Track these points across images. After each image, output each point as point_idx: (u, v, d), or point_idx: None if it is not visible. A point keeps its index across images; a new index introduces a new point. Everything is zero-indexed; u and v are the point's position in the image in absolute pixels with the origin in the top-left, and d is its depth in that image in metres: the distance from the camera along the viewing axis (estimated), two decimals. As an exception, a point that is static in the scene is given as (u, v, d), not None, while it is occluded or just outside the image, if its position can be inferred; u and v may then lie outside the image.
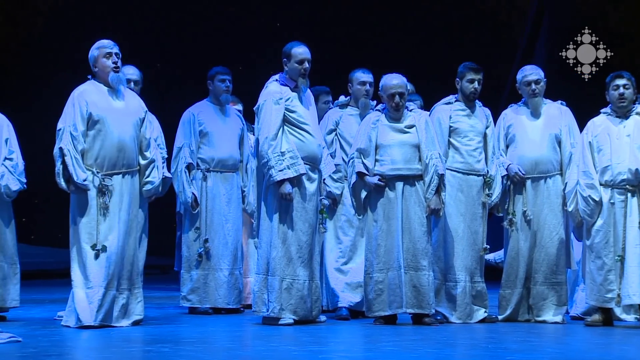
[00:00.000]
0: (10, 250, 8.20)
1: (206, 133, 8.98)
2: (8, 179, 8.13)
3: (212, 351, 6.36)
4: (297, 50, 7.91)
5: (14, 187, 8.16)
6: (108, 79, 7.74)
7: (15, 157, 8.26)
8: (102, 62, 7.75)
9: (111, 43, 7.79)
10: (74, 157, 7.56)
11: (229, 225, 9.01)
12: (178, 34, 14.66)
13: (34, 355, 6.11)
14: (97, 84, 7.78)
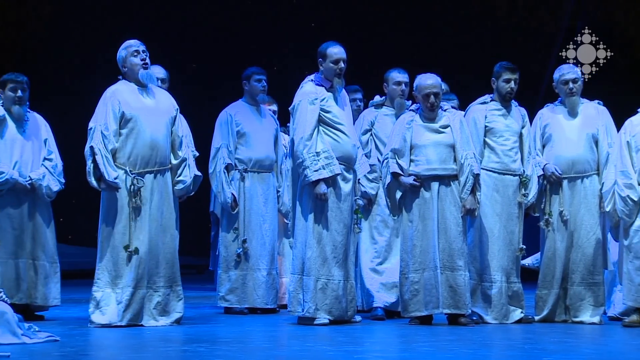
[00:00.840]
0: (50, 250, 8.27)
1: (243, 133, 9.00)
2: (49, 179, 8.20)
3: (248, 351, 6.37)
4: (332, 50, 7.91)
5: (55, 188, 8.24)
6: (138, 76, 7.79)
7: (54, 158, 8.34)
8: (131, 61, 7.81)
9: (137, 42, 7.85)
10: (105, 156, 7.61)
11: (267, 225, 9.03)
12: (213, 35, 14.70)
13: (71, 354, 6.16)
14: (128, 84, 7.84)
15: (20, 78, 8.19)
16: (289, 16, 14.67)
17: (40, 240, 8.21)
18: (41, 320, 7.96)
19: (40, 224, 8.22)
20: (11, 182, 8.05)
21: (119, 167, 7.68)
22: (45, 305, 8.24)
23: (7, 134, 8.15)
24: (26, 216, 8.16)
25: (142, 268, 7.68)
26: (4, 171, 8.02)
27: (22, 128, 8.23)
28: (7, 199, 8.09)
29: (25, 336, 6.58)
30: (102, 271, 7.70)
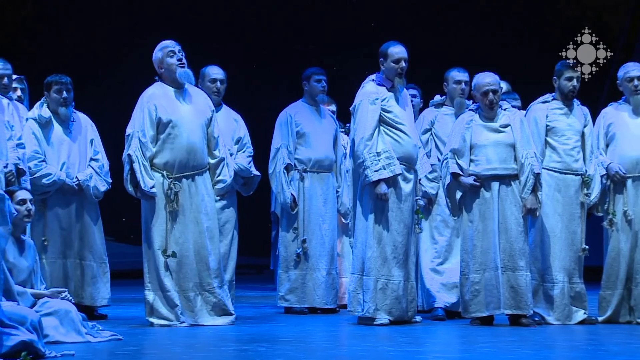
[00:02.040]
0: (98, 250, 8.32)
1: (303, 134, 9.02)
2: (96, 179, 8.27)
3: (308, 351, 6.38)
4: (393, 49, 7.89)
5: (102, 188, 8.30)
6: (175, 76, 7.82)
7: (100, 158, 8.40)
8: (167, 62, 7.83)
9: (173, 42, 7.88)
10: (142, 164, 7.65)
11: (326, 225, 9.03)
12: (273, 35, 14.74)
13: (134, 353, 6.22)
14: (164, 86, 7.87)
15: (64, 79, 8.25)
16: (349, 16, 14.66)
17: (88, 241, 8.26)
18: (103, 319, 8.04)
19: (87, 224, 8.27)
20: (59, 183, 8.12)
21: (156, 171, 7.72)
22: (92, 305, 8.30)
23: (54, 136, 8.22)
24: (74, 216, 8.23)
25: (186, 271, 7.71)
26: (52, 172, 8.10)
27: (68, 129, 8.30)
28: (55, 199, 8.17)
29: (90, 335, 6.66)
30: (149, 274, 7.78)
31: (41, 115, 8.19)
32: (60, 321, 6.57)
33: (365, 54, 9.63)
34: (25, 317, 5.91)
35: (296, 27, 14.64)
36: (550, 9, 14.20)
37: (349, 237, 9.02)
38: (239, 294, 8.05)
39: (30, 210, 6.71)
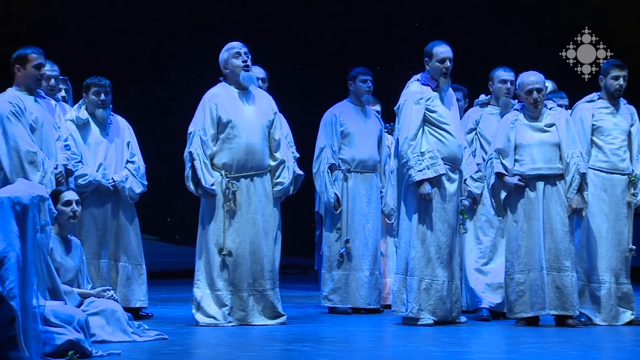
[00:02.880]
0: (134, 251, 8.35)
1: (347, 134, 9.02)
2: (132, 181, 8.31)
3: (352, 351, 6.38)
4: (438, 49, 7.87)
5: (137, 190, 8.34)
6: (239, 79, 7.87)
7: (137, 160, 8.44)
8: (233, 63, 7.88)
9: (240, 44, 7.92)
10: (203, 162, 7.73)
11: (369, 225, 9.03)
12: (317, 34, 14.75)
13: (179, 353, 6.25)
14: (227, 87, 7.93)
15: (103, 81, 8.31)
16: (393, 15, 14.64)
17: (123, 242, 8.30)
18: (148, 319, 8.09)
19: (123, 226, 8.31)
20: (94, 184, 8.18)
21: (215, 170, 7.78)
22: (127, 306, 8.34)
23: (91, 137, 8.28)
24: (109, 217, 8.27)
25: (241, 271, 7.76)
26: (87, 173, 8.16)
27: (106, 131, 8.35)
28: (91, 200, 8.21)
29: (135, 334, 6.71)
30: (200, 272, 7.83)
31: (79, 116, 8.27)
32: (107, 320, 6.62)
33: (410, 53, 9.61)
34: (72, 317, 5.97)
35: (341, 27, 14.64)
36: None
37: (393, 237, 9.01)
38: (283, 294, 8.06)
39: (75, 211, 6.76)
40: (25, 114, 7.29)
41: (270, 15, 14.71)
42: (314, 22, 14.75)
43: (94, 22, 14.17)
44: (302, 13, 14.84)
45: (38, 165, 7.23)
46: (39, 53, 7.40)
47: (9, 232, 5.65)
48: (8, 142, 7.22)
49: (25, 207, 5.69)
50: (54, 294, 6.21)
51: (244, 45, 7.93)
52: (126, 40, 14.18)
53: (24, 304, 5.59)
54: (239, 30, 12.05)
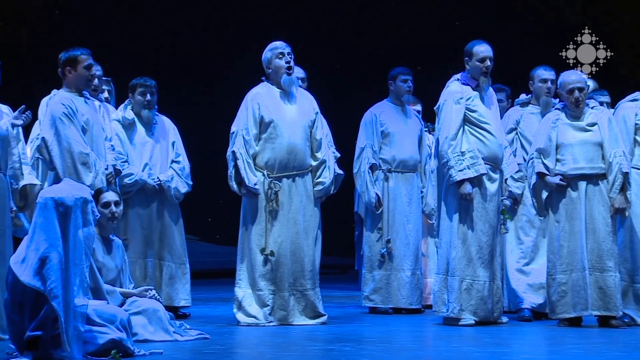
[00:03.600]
0: (178, 251, 8.40)
1: (388, 133, 9.01)
2: (177, 181, 8.36)
3: (393, 351, 6.37)
4: (478, 48, 7.84)
5: (182, 190, 8.39)
6: (281, 80, 7.89)
7: (182, 160, 8.50)
8: (276, 63, 7.91)
9: (283, 44, 7.93)
10: (246, 161, 7.76)
11: (410, 225, 9.01)
12: (357, 34, 14.75)
13: (221, 352, 6.28)
14: (270, 87, 7.95)
15: (149, 82, 8.37)
16: (433, 15, 14.60)
17: (168, 241, 8.35)
18: (187, 319, 8.12)
19: (168, 225, 8.37)
20: (140, 183, 8.24)
21: (257, 170, 7.82)
22: (170, 305, 8.38)
23: (137, 137, 8.35)
24: (155, 217, 8.33)
25: (282, 271, 7.78)
26: (133, 172, 8.22)
27: (151, 131, 8.42)
28: (137, 199, 8.28)
29: (177, 334, 6.74)
30: (242, 272, 7.86)
31: (125, 117, 8.34)
32: (149, 320, 6.66)
33: (450, 53, 9.59)
34: (115, 316, 6.02)
35: (382, 27, 14.63)
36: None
37: (434, 237, 8.99)
38: (323, 294, 8.07)
39: (114, 213, 6.78)
40: (77, 115, 7.35)
41: (310, 15, 14.73)
42: (355, 21, 14.75)
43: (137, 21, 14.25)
44: (342, 13, 14.84)
45: (90, 167, 7.29)
46: (87, 54, 7.46)
47: (51, 232, 5.70)
48: (61, 143, 7.28)
49: (68, 208, 5.75)
50: (97, 294, 6.25)
51: (287, 45, 7.94)
52: (170, 39, 14.26)
53: (66, 303, 5.64)
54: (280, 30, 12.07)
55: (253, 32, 13.61)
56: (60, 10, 13.83)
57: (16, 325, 5.75)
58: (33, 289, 5.66)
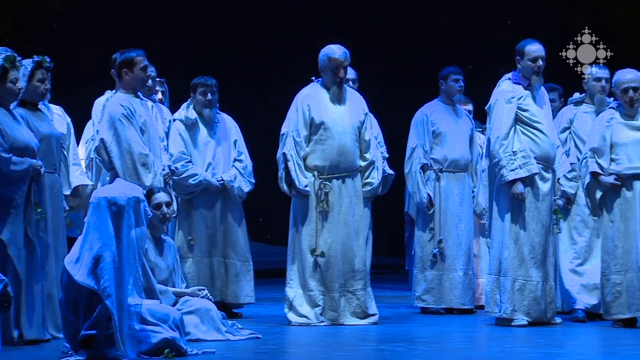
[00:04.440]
0: (242, 249, 8.44)
1: (439, 133, 8.97)
2: (240, 180, 8.40)
3: (445, 351, 6.35)
4: (530, 47, 7.79)
5: (246, 189, 8.43)
6: (331, 89, 7.90)
7: (244, 158, 8.53)
8: (330, 74, 7.93)
9: (342, 53, 7.90)
10: (297, 163, 7.77)
11: (462, 225, 8.96)
12: (407, 34, 14.71)
13: (273, 352, 6.30)
14: (320, 88, 7.95)
15: (210, 81, 8.41)
16: (484, 14, 14.53)
17: (232, 240, 8.39)
18: (239, 318, 8.15)
19: (231, 224, 8.40)
20: (204, 184, 8.28)
21: (307, 171, 7.83)
22: (236, 303, 8.44)
23: (199, 137, 8.39)
24: (218, 216, 8.37)
25: (332, 272, 7.78)
26: (198, 173, 8.27)
27: (213, 130, 8.46)
28: (201, 199, 8.33)
29: (229, 333, 6.77)
30: (293, 272, 7.87)
31: (187, 116, 8.39)
32: (201, 319, 6.69)
33: (501, 52, 9.52)
34: (168, 315, 6.05)
35: (432, 26, 14.58)
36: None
37: (486, 237, 8.94)
38: (374, 294, 8.05)
39: (165, 214, 6.81)
40: (136, 117, 7.40)
41: (361, 14, 14.72)
42: (405, 21, 14.70)
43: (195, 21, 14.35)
44: (392, 12, 14.81)
45: (149, 167, 7.34)
46: (143, 55, 7.52)
47: (105, 232, 5.76)
48: (120, 144, 7.32)
49: (121, 208, 5.79)
50: (150, 294, 6.30)
51: (345, 53, 7.88)
52: (227, 39, 14.32)
53: (120, 302, 5.69)
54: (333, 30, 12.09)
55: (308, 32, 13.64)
56: (114, 11, 13.94)
57: (71, 324, 5.81)
58: (87, 288, 5.71)
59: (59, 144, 7.04)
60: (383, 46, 14.65)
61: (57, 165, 6.98)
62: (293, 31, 14.32)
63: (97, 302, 5.71)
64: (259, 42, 14.39)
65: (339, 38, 8.17)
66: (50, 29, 13.64)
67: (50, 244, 6.76)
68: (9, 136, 6.54)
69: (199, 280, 8.12)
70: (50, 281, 6.72)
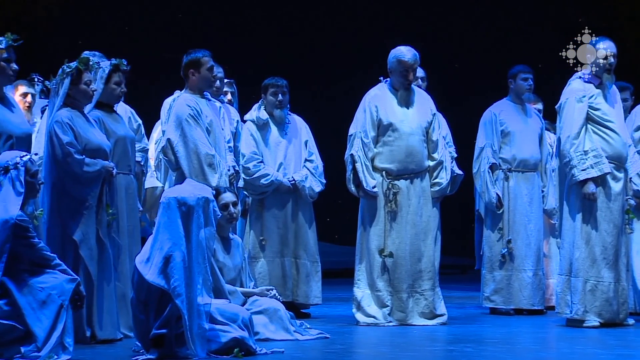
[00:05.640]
0: (312, 249, 8.47)
1: (508, 133, 8.90)
2: (311, 180, 8.43)
3: (515, 352, 6.30)
4: (601, 45, 7.70)
5: (317, 189, 8.45)
6: (400, 90, 7.89)
7: (315, 159, 8.56)
8: (399, 76, 7.92)
9: (412, 56, 7.89)
10: (364, 164, 7.77)
11: (532, 225, 8.89)
12: (475, 33, 14.64)
13: (341, 352, 6.30)
14: (388, 89, 7.95)
15: (281, 82, 8.45)
16: (554, 12, 14.40)
17: (303, 240, 8.43)
18: (307, 318, 8.17)
19: (302, 224, 8.44)
20: (276, 184, 8.32)
21: (375, 172, 7.82)
22: (306, 303, 8.46)
23: (271, 137, 8.44)
24: (290, 216, 8.41)
25: (400, 272, 7.77)
26: (269, 173, 8.31)
27: (284, 130, 8.50)
28: (272, 199, 8.38)
29: (298, 333, 6.79)
30: (361, 272, 7.88)
31: (259, 117, 8.44)
32: (270, 319, 6.72)
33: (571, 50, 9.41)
34: (237, 315, 6.09)
35: (500, 25, 14.50)
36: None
37: (556, 237, 8.85)
38: (443, 294, 8.02)
39: (232, 214, 6.85)
40: (202, 117, 7.46)
41: (429, 14, 14.68)
42: (473, 20, 14.64)
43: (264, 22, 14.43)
44: (461, 12, 14.75)
45: (216, 168, 7.39)
46: (209, 56, 7.58)
47: (174, 231, 5.81)
48: (187, 144, 7.38)
49: (190, 208, 5.84)
50: (218, 293, 6.34)
51: (415, 56, 7.86)
52: (296, 40, 14.38)
53: (190, 302, 5.74)
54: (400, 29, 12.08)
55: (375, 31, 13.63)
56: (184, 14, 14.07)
57: (142, 323, 5.87)
58: (158, 287, 5.77)
59: (133, 145, 7.13)
60: (451, 45, 14.60)
61: (132, 166, 7.07)
62: (361, 31, 14.33)
63: (167, 302, 5.76)
64: (327, 41, 14.42)
65: (407, 37, 8.15)
66: (122, 31, 13.82)
67: (123, 245, 6.85)
68: (82, 138, 6.64)
69: (271, 280, 8.16)
70: (124, 281, 6.81)
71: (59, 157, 6.57)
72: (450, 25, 14.72)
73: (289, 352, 6.10)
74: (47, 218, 6.49)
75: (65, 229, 6.58)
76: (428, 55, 8.59)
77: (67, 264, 6.05)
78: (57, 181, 6.60)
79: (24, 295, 5.62)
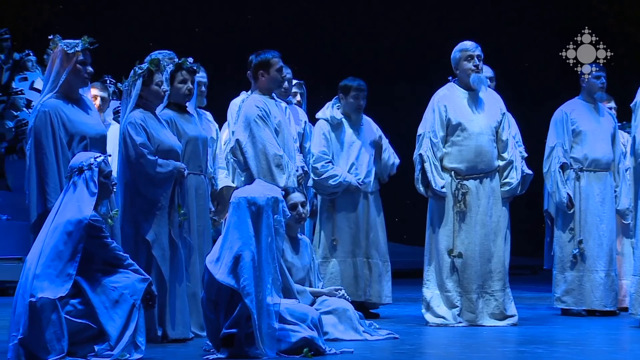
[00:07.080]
0: (382, 249, 8.50)
1: (579, 132, 8.81)
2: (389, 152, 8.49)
3: (587, 354, 6.24)
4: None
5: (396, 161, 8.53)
6: (469, 80, 7.84)
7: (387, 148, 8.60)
8: (464, 65, 7.88)
9: (473, 45, 7.87)
10: (433, 164, 7.75)
11: (604, 225, 8.78)
12: (545, 32, 14.52)
13: (411, 352, 6.29)
14: (456, 88, 7.91)
15: (363, 86, 8.52)
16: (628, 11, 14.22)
17: (374, 239, 8.45)
18: (376, 319, 8.17)
19: (373, 224, 8.46)
20: (344, 185, 8.34)
21: (445, 172, 7.79)
22: (378, 302, 8.47)
23: (345, 137, 8.47)
24: (361, 216, 8.42)
25: (470, 272, 7.73)
26: (338, 174, 8.33)
27: (358, 131, 8.52)
28: (343, 200, 8.40)
29: (367, 333, 6.78)
30: (430, 273, 7.86)
31: (333, 116, 8.47)
32: (339, 319, 6.72)
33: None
34: (306, 315, 6.11)
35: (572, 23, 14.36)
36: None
37: (630, 237, 8.74)
38: (513, 295, 7.97)
39: (301, 214, 6.86)
40: (271, 118, 7.50)
41: (498, 15, 14.60)
42: (543, 19, 14.52)
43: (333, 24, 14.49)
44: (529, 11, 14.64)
45: (284, 168, 7.43)
46: (278, 57, 7.62)
47: (244, 231, 5.85)
48: (255, 145, 7.43)
49: (260, 208, 5.87)
50: (287, 293, 6.36)
51: (477, 47, 7.86)
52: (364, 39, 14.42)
53: (259, 301, 5.77)
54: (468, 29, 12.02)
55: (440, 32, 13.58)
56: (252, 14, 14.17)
57: (212, 322, 5.92)
58: (228, 287, 5.81)
59: (205, 146, 7.19)
60: (520, 44, 14.50)
61: (203, 167, 7.13)
62: (427, 32, 14.30)
63: (237, 301, 5.80)
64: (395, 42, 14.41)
65: (476, 37, 8.10)
66: (192, 31, 13.95)
67: (194, 245, 6.91)
68: (155, 139, 6.71)
69: (343, 281, 8.18)
70: (195, 281, 6.87)
71: (132, 158, 6.65)
72: (519, 24, 14.64)
73: (358, 352, 6.10)
74: (120, 218, 6.57)
75: (138, 229, 6.66)
76: (496, 55, 8.55)
77: (139, 264, 6.13)
78: (130, 182, 6.69)
79: (97, 295, 5.69)
